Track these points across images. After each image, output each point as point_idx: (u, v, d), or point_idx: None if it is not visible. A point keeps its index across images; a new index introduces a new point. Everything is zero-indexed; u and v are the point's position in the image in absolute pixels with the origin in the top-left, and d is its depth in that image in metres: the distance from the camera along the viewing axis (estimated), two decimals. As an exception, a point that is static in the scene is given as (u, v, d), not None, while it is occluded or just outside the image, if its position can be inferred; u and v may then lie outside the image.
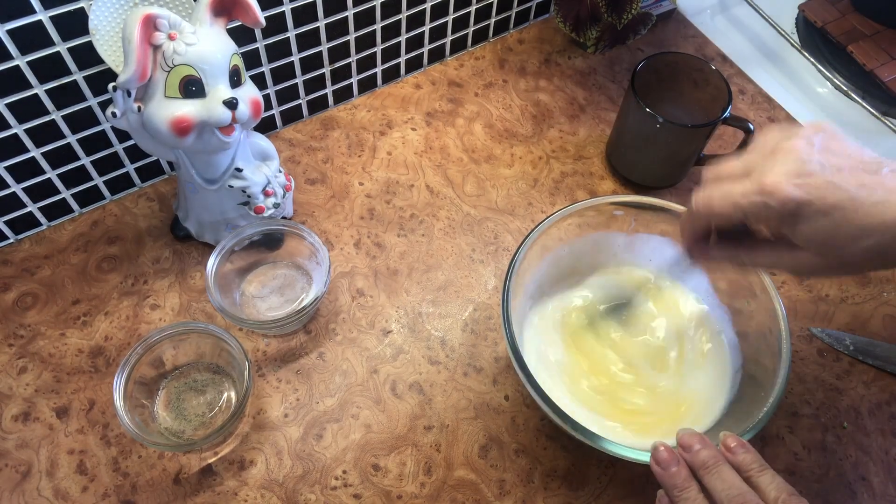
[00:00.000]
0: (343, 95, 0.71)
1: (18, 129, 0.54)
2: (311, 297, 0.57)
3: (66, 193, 0.61)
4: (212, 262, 0.54)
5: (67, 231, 0.62)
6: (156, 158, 0.63)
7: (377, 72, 0.71)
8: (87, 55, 0.51)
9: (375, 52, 0.69)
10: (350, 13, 0.63)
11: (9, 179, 0.56)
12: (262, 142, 0.57)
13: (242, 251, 0.57)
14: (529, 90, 0.75)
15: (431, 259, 0.63)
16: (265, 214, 0.57)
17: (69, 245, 0.61)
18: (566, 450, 0.54)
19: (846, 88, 0.76)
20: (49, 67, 0.51)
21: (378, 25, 0.66)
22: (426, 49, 0.73)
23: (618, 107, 0.74)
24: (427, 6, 0.68)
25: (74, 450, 0.52)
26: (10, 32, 0.47)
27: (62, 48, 0.50)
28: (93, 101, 0.55)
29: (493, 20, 0.76)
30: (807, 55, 0.77)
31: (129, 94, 0.47)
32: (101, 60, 0.48)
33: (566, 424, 0.45)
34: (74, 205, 0.62)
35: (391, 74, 0.73)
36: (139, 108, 0.47)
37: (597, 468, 0.54)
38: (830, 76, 0.78)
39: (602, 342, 0.55)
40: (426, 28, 0.71)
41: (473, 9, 0.72)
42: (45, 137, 0.55)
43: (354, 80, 0.71)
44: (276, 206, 0.58)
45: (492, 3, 0.73)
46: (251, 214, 0.57)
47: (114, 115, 0.48)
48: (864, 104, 0.74)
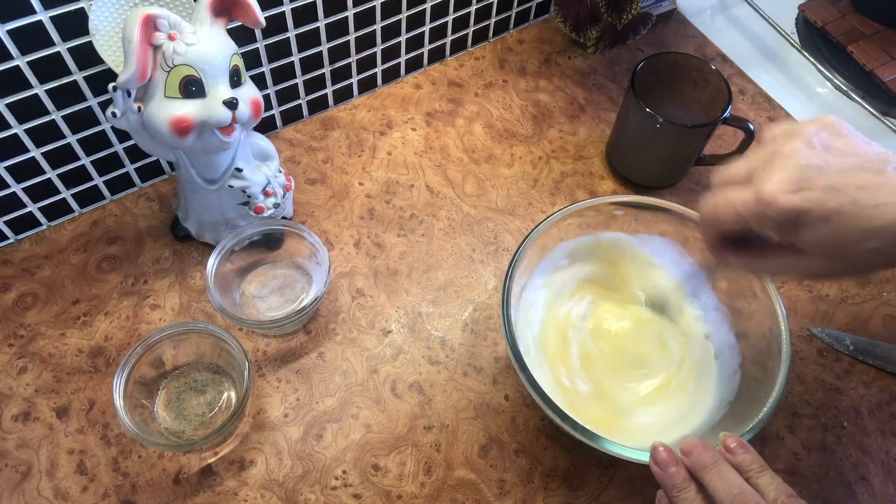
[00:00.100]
0: (343, 95, 0.71)
1: (18, 129, 0.54)
2: (311, 297, 0.57)
3: (66, 193, 0.61)
4: (212, 262, 0.54)
5: (67, 231, 0.62)
6: (156, 158, 0.63)
7: (377, 72, 0.71)
8: (87, 55, 0.51)
9: (375, 52, 0.69)
10: (350, 13, 0.63)
11: (9, 179, 0.56)
12: (262, 142, 0.57)
13: (242, 251, 0.57)
14: (529, 90, 0.75)
15: (431, 259, 0.63)
16: (265, 214, 0.57)
17: (69, 245, 0.61)
18: (566, 450, 0.54)
19: (846, 88, 0.76)
20: (49, 67, 0.51)
21: (378, 25, 0.66)
22: (426, 49, 0.73)
23: (618, 107, 0.73)
24: (427, 6, 0.68)
25: (74, 450, 0.52)
26: (10, 32, 0.47)
27: (62, 48, 0.50)
28: (93, 101, 0.55)
29: (493, 20, 0.76)
30: (807, 55, 0.77)
31: (129, 94, 0.47)
32: (101, 60, 0.48)
33: (566, 424, 0.45)
34: (74, 205, 0.62)
35: (391, 74, 0.73)
36: (139, 108, 0.47)
37: (597, 468, 0.54)
38: (830, 76, 0.78)
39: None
40: (426, 28, 0.71)
41: (473, 9, 0.72)
42: (45, 137, 0.55)
43: (354, 80, 0.71)
44: (276, 206, 0.58)
45: (492, 3, 0.73)
46: (251, 214, 0.57)
47: (114, 115, 0.48)
48: (864, 104, 0.74)
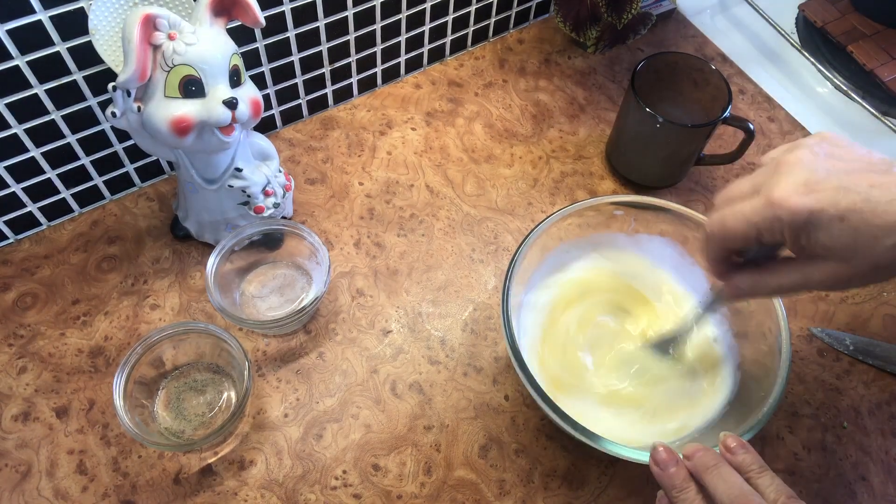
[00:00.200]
0: (343, 95, 0.71)
1: (18, 129, 0.54)
2: (311, 297, 0.57)
3: (66, 193, 0.61)
4: (212, 262, 0.54)
5: (67, 231, 0.62)
6: (156, 158, 0.63)
7: (377, 72, 0.71)
8: (87, 55, 0.51)
9: (375, 52, 0.69)
10: (350, 13, 0.63)
11: (9, 179, 0.56)
12: (262, 142, 0.57)
13: (242, 251, 0.57)
14: (529, 90, 0.75)
15: (431, 259, 0.63)
16: (265, 214, 0.57)
17: (69, 245, 0.61)
18: (566, 450, 0.54)
19: (846, 88, 0.76)
20: (49, 67, 0.51)
21: (378, 25, 0.66)
22: (426, 49, 0.73)
23: (618, 107, 0.73)
24: (427, 6, 0.68)
25: (74, 450, 0.52)
26: (10, 32, 0.47)
27: (62, 48, 0.50)
28: (93, 101, 0.55)
29: (493, 20, 0.76)
30: (807, 55, 0.77)
31: (129, 94, 0.47)
32: (101, 60, 0.48)
33: (566, 424, 0.45)
34: (74, 205, 0.62)
35: (391, 74, 0.73)
36: (139, 108, 0.47)
37: (597, 468, 0.54)
38: (830, 76, 0.78)
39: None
40: (426, 28, 0.71)
41: (473, 9, 0.72)
42: (45, 137, 0.55)
43: (354, 80, 0.71)
44: (276, 206, 0.58)
45: (492, 3, 0.73)
46: (251, 214, 0.57)
47: (113, 115, 0.48)
48: (864, 104, 0.74)
